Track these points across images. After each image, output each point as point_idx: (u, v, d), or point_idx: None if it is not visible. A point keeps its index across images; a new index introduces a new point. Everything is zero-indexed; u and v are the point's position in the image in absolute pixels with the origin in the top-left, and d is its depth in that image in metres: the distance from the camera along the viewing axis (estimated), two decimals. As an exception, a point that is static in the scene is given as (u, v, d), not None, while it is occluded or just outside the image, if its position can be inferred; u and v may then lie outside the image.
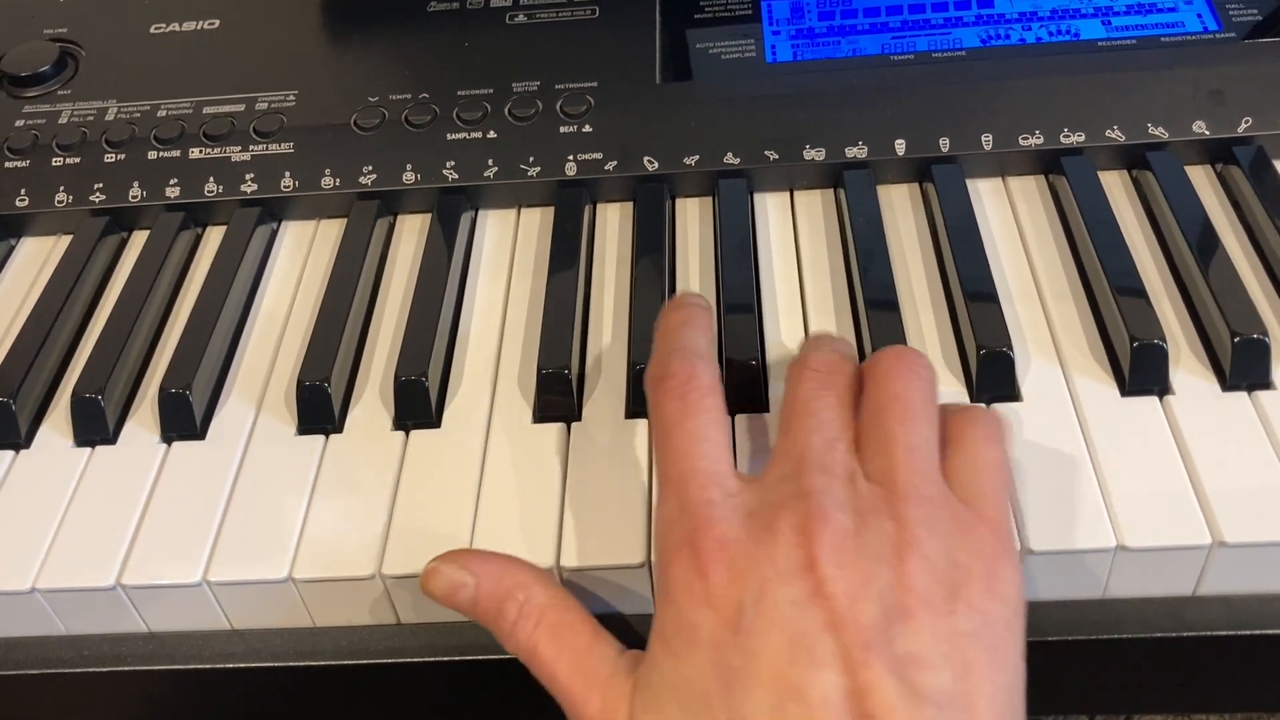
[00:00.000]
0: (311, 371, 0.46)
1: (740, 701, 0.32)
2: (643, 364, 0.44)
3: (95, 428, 0.47)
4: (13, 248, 0.57)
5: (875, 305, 0.46)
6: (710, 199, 0.54)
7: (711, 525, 0.35)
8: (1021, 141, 0.52)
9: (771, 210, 0.53)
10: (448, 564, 0.39)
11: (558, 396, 0.45)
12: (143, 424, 0.47)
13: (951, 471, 0.37)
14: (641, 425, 0.44)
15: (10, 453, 0.47)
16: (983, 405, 0.41)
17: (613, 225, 0.54)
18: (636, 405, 0.45)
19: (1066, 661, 0.41)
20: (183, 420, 0.46)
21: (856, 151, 0.52)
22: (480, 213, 0.55)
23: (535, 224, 0.54)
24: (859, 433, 0.38)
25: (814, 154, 0.53)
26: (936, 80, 0.54)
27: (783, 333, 0.48)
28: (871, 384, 0.39)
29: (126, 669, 0.43)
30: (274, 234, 0.55)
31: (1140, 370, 0.43)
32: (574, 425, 0.45)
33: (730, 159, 0.53)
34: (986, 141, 0.52)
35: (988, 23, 0.57)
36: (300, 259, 0.54)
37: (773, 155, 0.53)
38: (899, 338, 0.44)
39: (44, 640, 0.44)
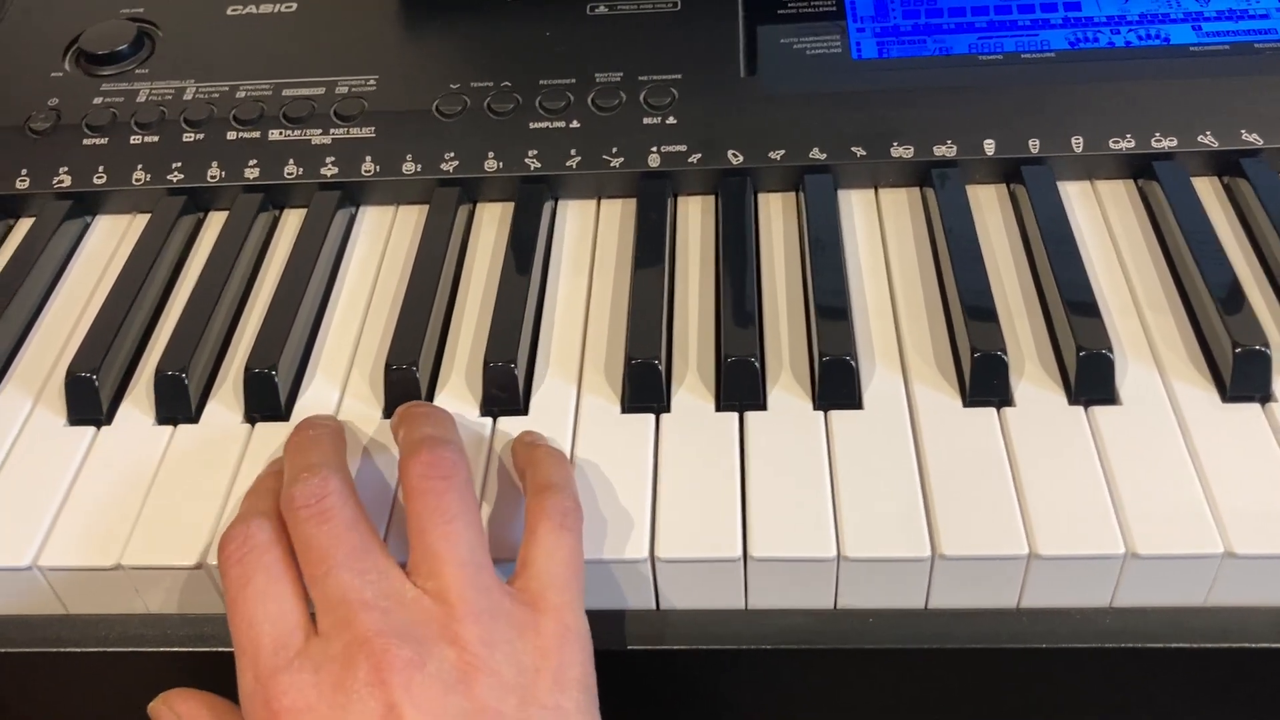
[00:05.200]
0: (400, 355, 0.46)
1: None
2: (733, 355, 0.44)
3: (178, 406, 0.46)
4: (89, 224, 0.57)
5: (973, 311, 0.45)
6: (793, 194, 0.54)
7: (283, 696, 0.35)
8: (1112, 145, 0.51)
9: (857, 208, 0.53)
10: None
11: (649, 387, 0.45)
12: (225, 404, 0.47)
13: (526, 561, 0.38)
14: (732, 419, 0.44)
15: (92, 429, 0.47)
16: (560, 485, 0.40)
17: (694, 218, 0.53)
18: (727, 399, 0.45)
19: (1172, 669, 0.40)
20: (268, 400, 0.46)
21: (945, 150, 0.52)
22: (560, 203, 0.55)
23: (616, 215, 0.54)
24: (412, 543, 0.38)
25: (902, 151, 0.52)
26: (1026, 81, 0.54)
27: (873, 333, 0.47)
28: (409, 496, 0.38)
29: (208, 650, 0.43)
30: (352, 218, 0.55)
31: (1243, 376, 0.43)
32: (663, 417, 0.45)
33: (816, 154, 0.52)
34: (1076, 144, 0.52)
35: (1075, 25, 0.56)
36: (380, 244, 0.54)
37: (860, 151, 0.52)
38: (997, 344, 0.44)
39: (126, 619, 0.44)
